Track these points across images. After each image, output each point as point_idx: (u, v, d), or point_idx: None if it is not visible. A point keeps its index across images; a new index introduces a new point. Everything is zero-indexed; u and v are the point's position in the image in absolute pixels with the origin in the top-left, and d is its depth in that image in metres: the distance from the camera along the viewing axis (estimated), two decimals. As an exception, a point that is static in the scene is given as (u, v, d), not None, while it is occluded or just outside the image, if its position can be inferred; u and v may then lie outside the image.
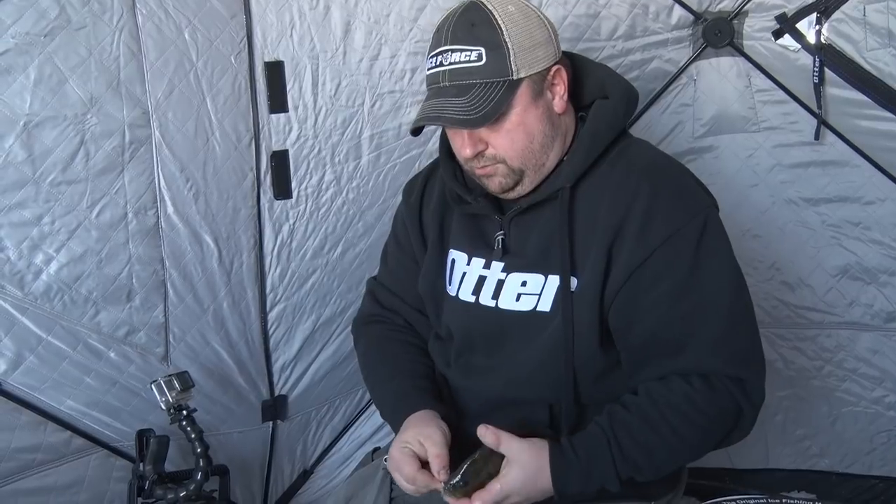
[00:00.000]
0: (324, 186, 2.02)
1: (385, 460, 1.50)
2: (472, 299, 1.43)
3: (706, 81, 2.22)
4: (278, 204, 1.98)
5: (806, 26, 2.03)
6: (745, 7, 2.10)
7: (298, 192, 1.99)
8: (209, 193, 1.88)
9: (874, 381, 2.35)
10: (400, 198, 1.68)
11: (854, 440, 2.43)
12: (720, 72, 2.19)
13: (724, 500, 1.61)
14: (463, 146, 1.32)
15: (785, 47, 2.09)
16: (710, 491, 2.31)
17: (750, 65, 2.16)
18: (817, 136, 2.13)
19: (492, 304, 1.40)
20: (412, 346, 1.60)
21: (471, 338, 1.45)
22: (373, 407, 2.42)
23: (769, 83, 2.16)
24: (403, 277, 1.62)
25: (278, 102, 1.88)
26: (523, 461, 1.26)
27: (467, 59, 1.27)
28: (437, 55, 1.30)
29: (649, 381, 1.31)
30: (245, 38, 1.81)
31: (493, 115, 1.27)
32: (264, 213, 1.97)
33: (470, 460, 1.28)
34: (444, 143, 1.48)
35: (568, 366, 1.33)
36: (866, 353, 2.33)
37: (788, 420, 2.46)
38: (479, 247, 1.44)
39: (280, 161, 1.93)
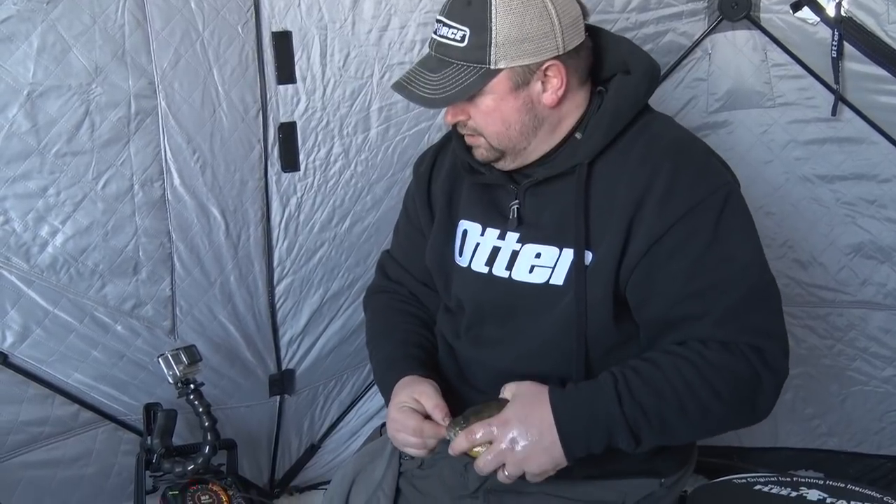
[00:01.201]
0: (332, 159, 2.00)
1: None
2: (485, 270, 1.41)
3: (721, 55, 2.19)
4: (286, 176, 1.96)
5: (825, -2, 1.99)
6: (763, -21, 2.07)
7: (306, 164, 1.97)
8: (216, 165, 1.86)
9: (885, 361, 2.34)
10: (410, 171, 1.66)
11: (863, 419, 2.42)
12: (736, 45, 2.16)
13: (734, 479, 1.60)
14: (445, 113, 1.35)
15: (803, 20, 2.05)
16: (718, 469, 2.32)
17: (766, 38, 2.13)
18: (834, 111, 2.10)
19: (505, 275, 1.38)
20: (412, 316, 1.59)
21: (482, 309, 1.44)
22: (381, 381, 2.42)
23: (786, 57, 2.13)
24: (411, 251, 1.61)
25: (286, 73, 1.86)
26: (521, 391, 1.28)
27: (452, 36, 1.26)
28: (437, 22, 1.30)
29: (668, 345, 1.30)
30: (252, 8, 1.78)
31: (457, 99, 1.27)
32: (272, 186, 1.96)
33: (474, 406, 1.30)
34: None
35: (580, 340, 1.32)
36: (878, 333, 2.32)
37: (798, 399, 2.45)
38: (494, 217, 1.42)
39: (288, 133, 1.91)
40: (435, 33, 1.29)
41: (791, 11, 2.05)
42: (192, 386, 1.84)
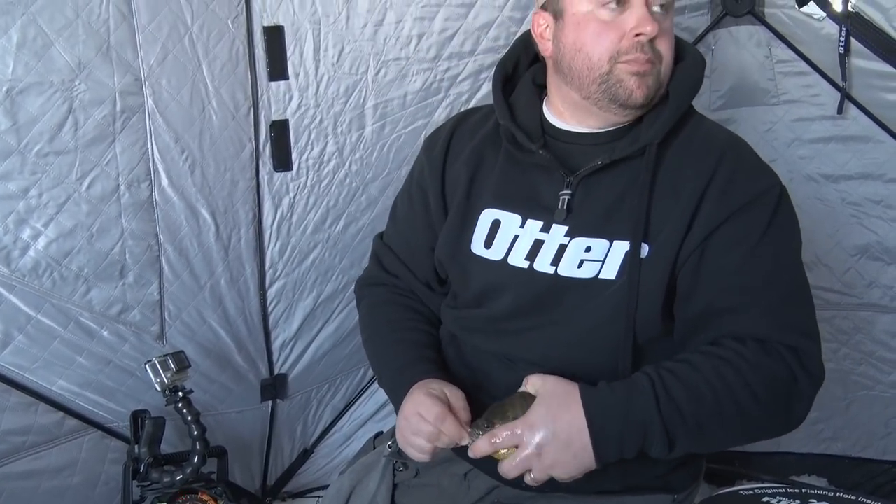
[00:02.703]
0: (325, 158, 1.97)
1: (389, 446, 1.45)
2: (524, 265, 1.33)
3: (724, 51, 2.17)
4: (278, 176, 1.94)
5: (833, -7, 1.97)
6: (768, -27, 2.06)
7: (299, 163, 1.95)
8: (206, 165, 1.83)
9: (892, 365, 2.31)
10: (406, 171, 1.59)
11: (869, 424, 2.40)
12: (739, 41, 2.15)
13: (741, 490, 1.56)
14: (647, 21, 1.23)
15: (809, 15, 2.03)
16: (720, 475, 2.28)
17: (771, 34, 2.11)
18: (840, 109, 2.08)
19: (550, 270, 1.31)
20: (418, 314, 1.51)
21: (520, 304, 1.35)
22: (375, 386, 2.40)
23: (791, 54, 2.11)
24: (416, 246, 1.51)
25: (278, 69, 1.83)
26: (548, 390, 1.21)
27: None
28: None
29: (702, 345, 1.27)
30: (243, 2, 1.76)
31: None
32: (263, 186, 1.93)
33: (497, 403, 1.23)
34: (499, 79, 1.40)
35: (628, 332, 1.27)
36: (884, 336, 2.29)
37: (801, 402, 2.42)
38: (533, 207, 1.34)
39: (280, 131, 1.89)
40: None
41: (797, 6, 2.02)
42: (180, 394, 1.80)
